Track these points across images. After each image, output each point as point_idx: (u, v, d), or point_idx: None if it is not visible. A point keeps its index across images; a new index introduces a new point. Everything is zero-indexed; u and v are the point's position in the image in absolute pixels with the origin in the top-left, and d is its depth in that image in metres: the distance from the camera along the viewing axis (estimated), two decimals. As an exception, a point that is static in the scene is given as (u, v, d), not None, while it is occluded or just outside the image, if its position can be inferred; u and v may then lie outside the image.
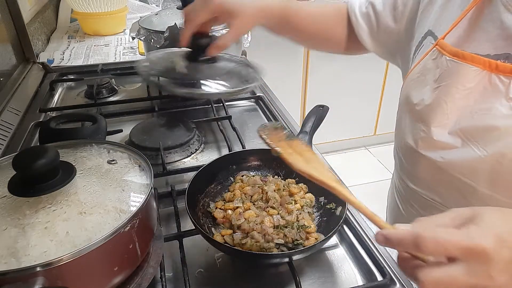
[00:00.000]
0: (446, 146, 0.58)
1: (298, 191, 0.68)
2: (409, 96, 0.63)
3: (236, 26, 0.66)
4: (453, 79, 0.56)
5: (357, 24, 0.75)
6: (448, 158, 0.58)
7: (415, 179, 0.67)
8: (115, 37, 1.58)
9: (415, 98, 0.62)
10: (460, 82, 0.56)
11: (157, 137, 0.87)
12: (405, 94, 0.65)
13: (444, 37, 0.59)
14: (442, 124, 0.58)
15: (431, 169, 0.62)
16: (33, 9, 1.42)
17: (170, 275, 0.59)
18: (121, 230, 0.45)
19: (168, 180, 0.79)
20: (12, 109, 0.99)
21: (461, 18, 0.57)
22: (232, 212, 0.63)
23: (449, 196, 0.61)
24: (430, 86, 0.60)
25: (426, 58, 0.61)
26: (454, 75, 0.56)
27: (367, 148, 2.88)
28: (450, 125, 0.58)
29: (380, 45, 0.75)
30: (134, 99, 1.07)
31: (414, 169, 0.66)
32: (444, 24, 0.61)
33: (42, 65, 1.28)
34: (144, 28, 1.00)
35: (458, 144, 0.57)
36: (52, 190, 0.46)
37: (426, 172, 0.63)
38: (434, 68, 0.59)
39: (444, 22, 0.61)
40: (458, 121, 0.57)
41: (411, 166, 0.67)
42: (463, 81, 0.55)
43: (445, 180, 0.60)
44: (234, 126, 0.91)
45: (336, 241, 0.65)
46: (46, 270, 0.40)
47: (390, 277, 0.56)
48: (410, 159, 0.66)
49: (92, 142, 0.59)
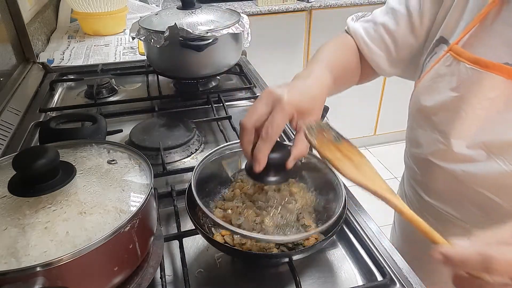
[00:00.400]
0: (468, 159, 0.55)
1: (298, 190, 0.67)
2: (422, 104, 0.60)
3: None
4: (474, 89, 0.52)
5: (369, 52, 0.69)
6: (470, 172, 0.55)
7: (430, 191, 0.64)
8: (115, 37, 1.58)
9: (429, 106, 0.59)
10: (482, 91, 0.52)
11: (157, 137, 0.87)
12: (416, 102, 0.62)
13: (457, 42, 0.55)
14: (462, 136, 0.55)
15: (449, 181, 0.58)
16: (33, 9, 1.42)
17: (170, 275, 0.59)
18: (121, 230, 0.45)
19: (168, 180, 0.79)
20: (12, 109, 0.99)
21: (475, 23, 0.54)
22: (232, 212, 0.63)
23: (468, 211, 0.59)
24: (446, 94, 0.56)
25: (439, 64, 0.58)
26: (476, 84, 0.52)
27: (367, 148, 2.88)
28: (470, 137, 0.54)
29: (398, 65, 0.70)
30: (134, 99, 1.07)
31: (429, 181, 0.63)
32: (456, 29, 0.57)
33: (42, 65, 1.28)
34: (144, 28, 1.00)
35: (482, 158, 0.53)
36: (52, 190, 0.46)
37: (444, 185, 0.60)
38: (449, 75, 0.56)
39: (456, 27, 0.58)
40: (480, 133, 0.53)
41: (426, 177, 0.64)
42: (485, 91, 0.52)
43: (465, 194, 0.57)
44: (234, 126, 0.91)
45: (336, 241, 0.65)
46: (46, 270, 0.40)
47: (390, 277, 0.56)
48: (425, 169, 0.63)
49: (92, 142, 0.59)
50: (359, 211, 0.68)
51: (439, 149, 0.58)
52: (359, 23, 0.72)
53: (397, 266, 0.58)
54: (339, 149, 0.49)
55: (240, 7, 2.20)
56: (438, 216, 0.63)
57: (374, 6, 2.32)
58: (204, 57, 1.00)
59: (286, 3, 2.22)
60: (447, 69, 0.56)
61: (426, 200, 0.65)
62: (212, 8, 1.08)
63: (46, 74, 1.25)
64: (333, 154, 0.48)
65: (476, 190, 0.55)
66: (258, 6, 2.20)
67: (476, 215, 0.57)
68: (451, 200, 0.61)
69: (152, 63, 1.13)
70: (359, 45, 0.70)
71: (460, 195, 0.58)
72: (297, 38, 2.34)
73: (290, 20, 2.27)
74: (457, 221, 0.61)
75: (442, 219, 0.63)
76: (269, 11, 2.20)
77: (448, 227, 0.64)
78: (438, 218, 0.64)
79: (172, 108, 1.04)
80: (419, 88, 0.61)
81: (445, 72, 0.56)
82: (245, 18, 1.08)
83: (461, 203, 0.59)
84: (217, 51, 1.01)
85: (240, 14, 1.07)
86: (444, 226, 0.63)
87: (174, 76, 1.14)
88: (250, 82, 1.15)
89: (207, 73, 1.07)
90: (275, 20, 2.24)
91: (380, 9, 0.70)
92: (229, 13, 1.08)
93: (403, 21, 0.65)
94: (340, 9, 2.30)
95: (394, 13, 0.67)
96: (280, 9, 2.21)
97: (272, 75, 1.56)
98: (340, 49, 0.72)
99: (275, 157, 0.53)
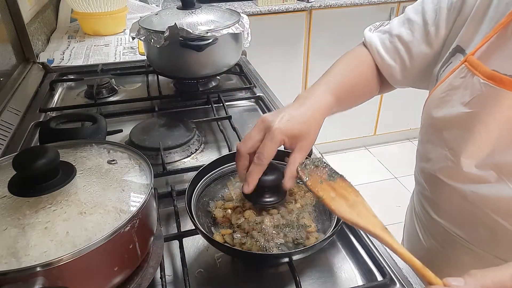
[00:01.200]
0: (477, 179, 0.53)
1: (299, 190, 0.67)
2: (433, 116, 0.58)
3: (305, 147, 0.57)
4: (488, 106, 0.50)
5: (383, 63, 0.68)
6: (480, 193, 0.53)
7: (438, 210, 0.62)
8: (115, 37, 1.58)
9: (440, 119, 0.57)
10: (498, 110, 0.49)
11: (157, 137, 0.87)
12: (428, 113, 0.60)
13: (474, 53, 0.53)
14: (473, 155, 0.52)
15: (457, 201, 0.57)
16: (33, 9, 1.42)
17: (170, 275, 0.59)
18: (121, 230, 0.45)
19: (168, 180, 0.79)
20: (12, 109, 0.99)
21: (494, 33, 0.51)
22: (232, 212, 0.63)
23: (475, 232, 0.57)
24: (459, 109, 0.53)
25: (453, 75, 0.55)
26: (490, 101, 0.49)
27: (367, 148, 2.89)
28: (482, 156, 0.52)
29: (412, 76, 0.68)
30: (134, 99, 1.07)
31: (438, 199, 0.61)
32: (474, 38, 0.55)
33: (42, 65, 1.28)
34: (144, 28, 1.00)
35: (492, 179, 0.51)
36: (52, 190, 0.46)
37: (452, 204, 0.59)
38: (463, 88, 0.53)
39: (475, 36, 0.55)
40: (492, 154, 0.51)
41: (434, 195, 0.62)
42: (501, 110, 0.49)
43: (473, 215, 0.55)
44: (234, 126, 0.91)
45: (336, 241, 0.65)
46: (46, 270, 0.40)
47: (390, 277, 0.56)
48: (434, 187, 0.61)
49: (92, 142, 0.59)
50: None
51: (448, 167, 0.56)
52: (376, 34, 0.71)
53: (397, 266, 0.58)
54: (334, 188, 0.50)
55: (240, 7, 2.20)
56: (445, 236, 0.62)
57: (374, 6, 2.33)
58: (204, 57, 1.00)
59: (286, 3, 2.22)
60: (461, 81, 0.54)
61: (434, 219, 0.63)
62: (212, 8, 1.08)
63: (46, 74, 1.25)
64: (326, 193, 0.49)
65: (485, 212, 0.53)
66: (258, 6, 2.20)
67: (484, 238, 0.56)
68: (459, 221, 0.59)
69: (152, 63, 1.13)
70: (374, 56, 0.70)
71: (469, 216, 0.57)
72: (297, 38, 2.34)
73: (290, 20, 2.27)
74: (464, 242, 0.59)
75: (449, 240, 0.61)
76: (269, 11, 2.20)
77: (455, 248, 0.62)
78: (445, 238, 0.62)
79: (172, 108, 1.04)
80: (432, 99, 0.59)
81: (458, 84, 0.54)
82: (245, 18, 1.08)
83: (469, 224, 0.57)
84: (217, 51, 1.01)
85: (240, 14, 1.07)
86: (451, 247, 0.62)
87: (174, 76, 1.14)
88: (250, 82, 1.15)
89: (207, 73, 1.07)
90: (275, 20, 2.24)
91: (398, 18, 0.70)
92: (229, 13, 1.08)
93: (419, 32, 0.65)
94: (340, 9, 2.30)
95: (410, 23, 0.66)
96: (280, 9, 2.21)
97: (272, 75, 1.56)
98: (352, 64, 0.72)
99: (268, 180, 0.57)
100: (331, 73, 0.68)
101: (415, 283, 0.55)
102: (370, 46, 0.70)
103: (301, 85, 2.52)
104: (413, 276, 0.56)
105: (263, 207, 0.61)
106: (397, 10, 2.39)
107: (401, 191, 2.49)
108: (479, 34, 0.54)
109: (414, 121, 2.81)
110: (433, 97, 0.59)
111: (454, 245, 0.61)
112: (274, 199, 0.61)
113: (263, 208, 0.61)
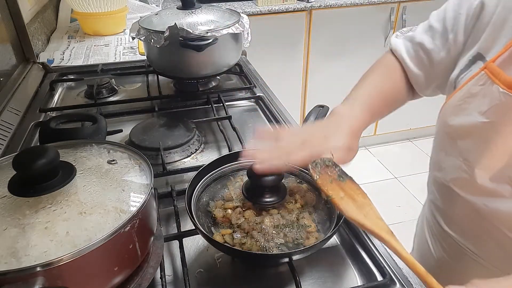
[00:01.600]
0: (491, 192, 0.51)
1: (299, 190, 0.67)
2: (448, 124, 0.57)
3: None
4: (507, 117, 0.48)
5: (409, 71, 0.68)
6: (493, 207, 0.52)
7: (450, 221, 0.61)
8: (115, 37, 1.58)
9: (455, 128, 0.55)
10: None
11: (157, 137, 0.87)
12: (443, 121, 0.58)
13: (494, 60, 0.51)
14: (488, 167, 0.51)
15: (469, 214, 0.55)
16: (33, 9, 1.42)
17: (170, 275, 0.59)
18: (121, 230, 0.45)
19: (168, 180, 0.79)
20: (12, 109, 0.99)
21: None
22: (232, 212, 0.63)
23: (486, 247, 0.56)
24: (475, 118, 0.52)
25: (472, 82, 0.53)
26: (509, 111, 0.48)
27: (367, 148, 2.88)
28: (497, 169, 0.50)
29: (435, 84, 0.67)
30: (134, 99, 1.07)
31: (449, 210, 0.60)
32: (495, 45, 0.53)
33: (42, 65, 1.28)
34: (144, 28, 1.00)
35: (506, 193, 0.50)
36: (52, 190, 0.46)
37: (464, 217, 0.57)
38: (481, 96, 0.51)
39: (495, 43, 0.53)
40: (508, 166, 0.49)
41: (446, 206, 0.61)
42: None
43: (485, 229, 0.54)
44: (234, 126, 0.91)
45: (336, 241, 0.65)
46: (46, 270, 0.40)
47: (390, 277, 0.56)
48: (446, 198, 0.60)
49: (92, 142, 0.59)
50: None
51: (461, 178, 0.55)
52: (401, 41, 0.71)
53: (397, 266, 0.58)
54: (343, 188, 0.50)
55: (240, 7, 2.20)
56: (455, 248, 0.61)
57: (374, 6, 2.33)
58: (204, 57, 1.00)
59: (286, 3, 2.22)
60: (480, 89, 0.52)
61: (445, 230, 0.62)
62: (212, 8, 1.08)
63: (46, 74, 1.25)
64: (335, 192, 0.49)
65: (497, 227, 0.52)
66: (258, 6, 2.20)
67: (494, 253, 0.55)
68: (469, 234, 0.58)
69: (152, 63, 1.13)
70: (402, 63, 0.70)
71: (480, 229, 0.55)
72: (297, 38, 2.34)
73: (290, 20, 2.27)
74: (474, 256, 0.58)
75: (458, 252, 0.60)
76: (269, 11, 2.20)
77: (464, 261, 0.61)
78: (455, 250, 0.61)
79: (172, 108, 1.04)
80: (448, 106, 0.58)
81: (477, 92, 0.52)
82: (245, 18, 1.08)
83: (480, 239, 0.56)
84: (217, 51, 1.01)
85: (240, 14, 1.07)
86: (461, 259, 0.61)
87: (174, 76, 1.14)
88: (250, 82, 1.15)
89: (207, 73, 1.07)
90: (275, 20, 2.24)
91: (423, 24, 0.69)
92: (229, 13, 1.08)
93: (439, 39, 0.64)
94: (340, 9, 2.30)
95: (432, 30, 0.66)
96: (280, 9, 2.21)
97: (272, 75, 1.56)
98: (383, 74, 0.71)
99: (268, 180, 0.58)
100: (363, 86, 0.68)
101: (415, 283, 0.55)
102: (396, 53, 0.70)
103: (301, 85, 2.52)
104: (413, 276, 0.56)
105: (263, 207, 0.61)
106: (397, 10, 2.39)
107: (401, 191, 2.49)
108: (500, 41, 0.53)
109: (414, 121, 2.81)
110: (449, 104, 0.58)
111: (464, 257, 0.60)
112: (274, 199, 0.61)
113: (263, 208, 0.61)
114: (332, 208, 0.65)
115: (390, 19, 2.39)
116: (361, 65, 2.80)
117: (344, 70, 2.48)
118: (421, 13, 2.35)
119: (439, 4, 0.67)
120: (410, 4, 2.37)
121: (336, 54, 2.45)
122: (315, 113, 0.79)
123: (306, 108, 2.60)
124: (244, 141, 0.86)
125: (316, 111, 0.80)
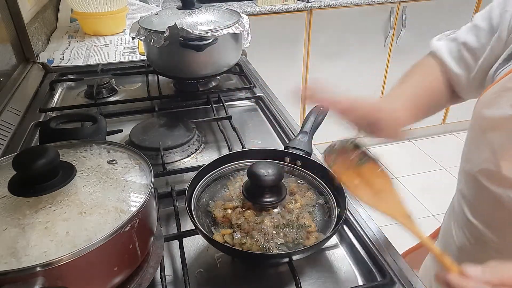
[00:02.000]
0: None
1: (299, 190, 0.67)
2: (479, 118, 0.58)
3: None
4: None
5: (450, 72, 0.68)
6: None
7: (474, 211, 0.62)
8: (115, 37, 1.58)
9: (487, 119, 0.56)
10: None
11: (157, 137, 0.87)
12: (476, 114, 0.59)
13: None
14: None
15: (494, 205, 0.56)
16: (33, 9, 1.42)
17: (170, 275, 0.59)
18: (121, 230, 0.45)
19: (168, 180, 0.79)
20: (12, 109, 0.99)
21: None
22: (232, 212, 0.63)
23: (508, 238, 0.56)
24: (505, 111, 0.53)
25: (508, 76, 0.54)
26: None
27: (366, 148, 2.88)
28: None
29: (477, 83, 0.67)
30: (134, 99, 1.07)
31: (475, 200, 0.61)
32: None
33: (42, 65, 1.28)
34: (144, 28, 1.00)
35: None
36: (52, 190, 0.46)
37: (488, 207, 0.58)
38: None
39: None
40: None
41: (472, 196, 0.62)
42: None
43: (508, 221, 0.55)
44: (234, 126, 0.91)
45: (336, 241, 0.65)
46: (46, 270, 0.40)
47: (390, 277, 0.56)
48: (473, 188, 0.61)
49: (92, 142, 0.59)
50: (359, 211, 0.68)
51: (488, 169, 0.56)
52: (444, 42, 0.70)
53: (397, 266, 0.58)
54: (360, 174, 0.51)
55: (240, 7, 2.20)
56: (478, 238, 0.61)
57: (374, 6, 2.33)
58: (204, 57, 1.00)
59: (286, 3, 2.22)
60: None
61: (469, 219, 0.63)
62: (212, 8, 1.08)
63: (46, 74, 1.25)
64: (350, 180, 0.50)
65: None
66: (258, 6, 2.20)
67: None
68: (494, 225, 0.58)
69: (152, 63, 1.13)
70: (441, 65, 0.69)
71: (504, 221, 0.56)
72: (297, 38, 2.34)
73: (290, 20, 2.27)
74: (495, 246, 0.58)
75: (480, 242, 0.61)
76: (269, 11, 2.20)
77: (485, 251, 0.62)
78: (477, 240, 0.62)
79: (172, 108, 1.04)
80: (482, 99, 0.59)
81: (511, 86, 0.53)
82: (245, 18, 1.08)
83: (503, 230, 0.57)
84: (217, 51, 1.01)
85: (240, 14, 1.07)
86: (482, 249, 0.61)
87: (174, 76, 1.14)
88: (250, 82, 1.15)
89: (207, 73, 1.07)
90: (275, 20, 2.24)
91: (466, 26, 0.69)
92: (229, 13, 1.08)
93: (484, 38, 0.64)
94: (340, 9, 2.30)
95: (476, 29, 0.66)
96: (280, 9, 2.21)
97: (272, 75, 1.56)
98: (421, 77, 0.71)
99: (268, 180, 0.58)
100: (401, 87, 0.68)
101: (415, 283, 0.55)
102: (437, 54, 0.70)
103: (301, 85, 2.52)
104: (413, 276, 0.56)
105: (263, 207, 0.61)
106: (397, 10, 2.39)
107: (401, 191, 2.49)
108: None
109: (414, 121, 2.80)
110: (484, 97, 0.58)
111: (485, 247, 0.60)
112: (274, 199, 0.61)
113: (263, 208, 0.61)
114: (332, 208, 0.65)
115: (390, 19, 2.39)
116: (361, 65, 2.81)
117: (344, 70, 2.48)
118: (421, 13, 2.35)
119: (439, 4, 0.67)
120: (410, 4, 2.37)
121: (336, 54, 2.45)
122: (315, 113, 0.80)
123: (306, 108, 2.60)
124: (244, 141, 0.86)
125: (316, 111, 0.80)
